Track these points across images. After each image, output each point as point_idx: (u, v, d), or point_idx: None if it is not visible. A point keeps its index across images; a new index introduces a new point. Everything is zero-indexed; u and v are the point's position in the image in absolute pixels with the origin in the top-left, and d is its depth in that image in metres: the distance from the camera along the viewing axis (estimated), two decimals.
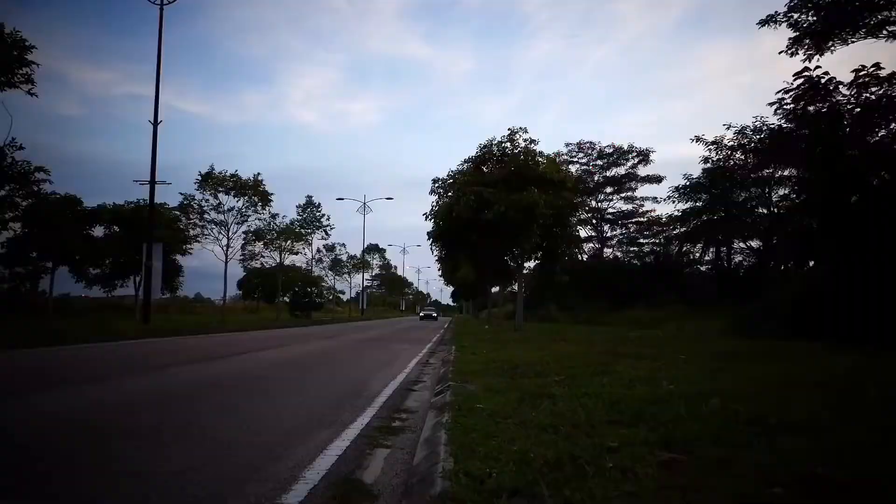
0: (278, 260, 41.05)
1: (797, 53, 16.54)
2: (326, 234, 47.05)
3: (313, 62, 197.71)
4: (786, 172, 25.80)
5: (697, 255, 35.99)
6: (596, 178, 45.38)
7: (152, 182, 23.38)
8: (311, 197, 45.55)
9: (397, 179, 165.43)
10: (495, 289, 41.87)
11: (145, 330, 18.83)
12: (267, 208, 34.02)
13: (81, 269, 29.87)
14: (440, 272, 53.46)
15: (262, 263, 42.45)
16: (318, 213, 45.90)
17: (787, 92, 15.23)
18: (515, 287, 29.04)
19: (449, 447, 3.53)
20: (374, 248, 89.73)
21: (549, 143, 56.42)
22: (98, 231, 31.79)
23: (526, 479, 2.79)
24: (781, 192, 28.06)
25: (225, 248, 32.19)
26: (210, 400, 6.05)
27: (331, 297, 69.10)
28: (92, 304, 34.60)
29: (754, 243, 31.73)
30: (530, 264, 30.08)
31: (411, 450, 4.06)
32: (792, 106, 15.31)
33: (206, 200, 31.76)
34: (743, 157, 27.88)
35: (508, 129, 22.63)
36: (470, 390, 5.88)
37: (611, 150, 44.40)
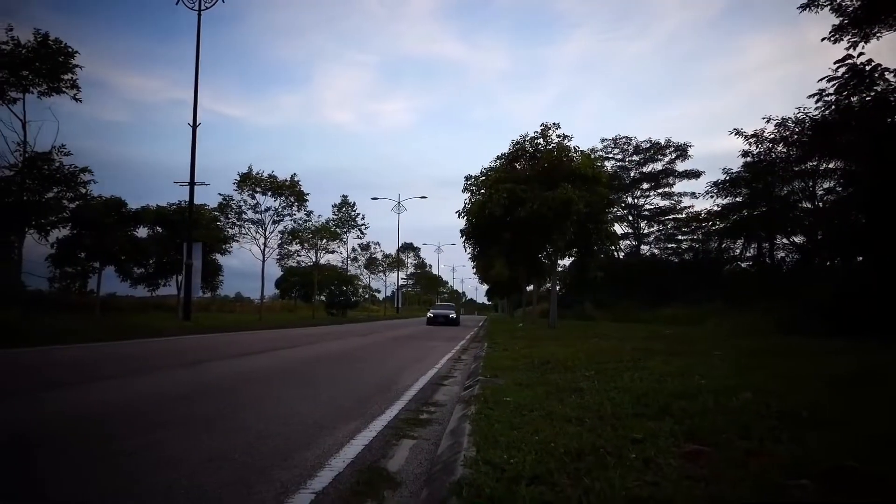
0: (314, 259, 41.70)
1: (841, 41, 15.95)
2: (361, 233, 47.70)
3: (347, 64, 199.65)
4: (831, 165, 24.97)
5: (738, 251, 35.12)
6: (632, 174, 44.71)
7: (192, 183, 24.03)
8: (346, 196, 46.23)
9: (432, 178, 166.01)
10: (530, 287, 41.59)
11: (186, 327, 19.36)
12: (303, 208, 34.60)
13: (126, 268, 30.86)
14: (474, 270, 53.49)
15: (298, 262, 43.15)
16: (353, 213, 46.55)
17: (830, 81, 14.73)
18: (550, 285, 28.83)
19: (472, 437, 3.55)
20: (408, 247, 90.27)
21: (585, 139, 55.89)
22: (142, 232, 32.78)
23: (546, 468, 2.80)
24: (826, 185, 27.16)
25: (262, 248, 32.88)
26: (244, 393, 6.19)
27: (366, 296, 69.76)
28: (136, 303, 35.65)
29: (798, 239, 30.78)
30: (565, 262, 29.86)
31: (437, 440, 4.10)
32: (834, 96, 14.79)
33: (244, 201, 32.51)
34: (785, 149, 27.07)
35: (542, 125, 22.51)
36: (498, 384, 5.88)
37: (647, 146, 43.67)
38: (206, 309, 38.10)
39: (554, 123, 22.41)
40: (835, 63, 14.37)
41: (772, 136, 27.02)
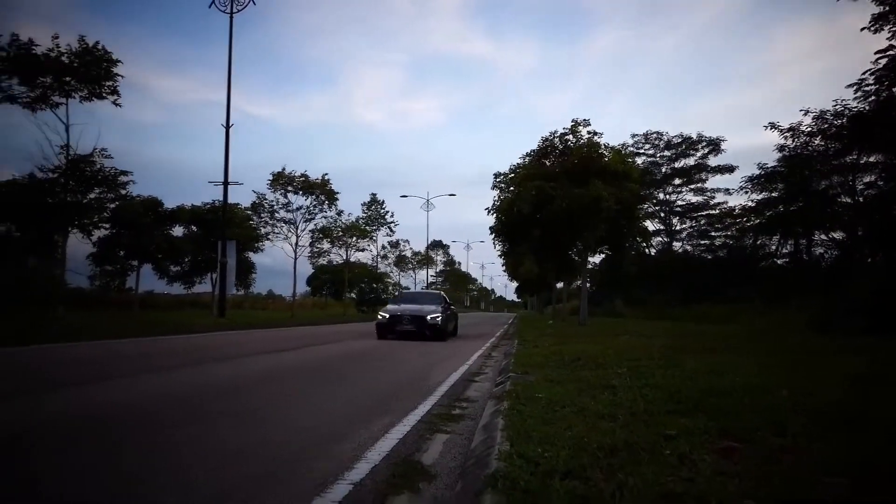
0: (345, 257, 42.17)
1: (882, 30, 15.47)
2: (391, 230, 48.00)
3: (376, 63, 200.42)
4: (871, 158, 24.28)
5: (773, 247, 34.37)
6: (663, 170, 44.06)
7: (225, 183, 24.54)
8: (376, 194, 46.56)
9: (460, 176, 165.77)
10: (560, 284, 41.31)
11: (221, 323, 19.79)
12: (333, 206, 35.03)
13: (163, 266, 31.68)
14: (504, 268, 53.32)
15: (329, 260, 43.69)
16: (382, 211, 46.86)
17: (872, 74, 14.33)
18: (580, 282, 28.66)
19: (505, 432, 3.61)
20: (437, 245, 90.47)
21: (615, 135, 54.84)
22: (177, 231, 33.58)
23: (580, 463, 2.84)
24: (867, 179, 26.39)
25: (294, 246, 33.40)
26: (279, 388, 6.35)
27: (396, 293, 70.11)
28: (172, 300, 36.62)
29: (837, 235, 29.98)
30: (595, 259, 29.65)
31: (470, 435, 4.16)
32: (875, 87, 14.38)
33: (277, 200, 33.10)
34: (823, 143, 26.39)
35: (572, 122, 22.38)
36: (530, 381, 5.92)
37: (679, 141, 42.99)
38: (239, 306, 38.89)
39: (584, 120, 22.26)
40: (875, 53, 13.97)
41: (809, 129, 26.38)
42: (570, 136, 22.42)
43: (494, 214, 23.15)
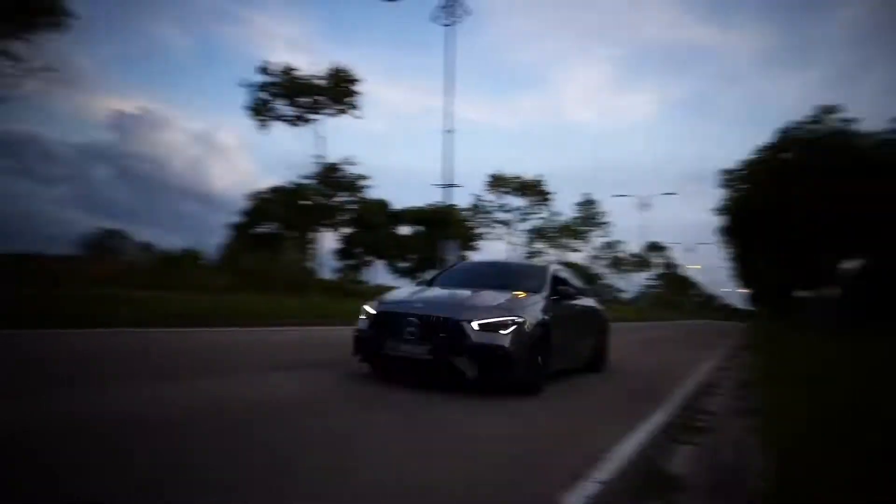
0: (559, 257, 42.32)
1: None
2: (605, 231, 46.99)
3: (586, 60, 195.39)
4: None
5: None
6: None
7: (447, 185, 26.19)
8: (589, 194, 45.91)
9: (678, 173, 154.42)
10: (804, 292, 36.61)
11: None
12: (547, 207, 35.46)
13: (394, 263, 35.06)
14: (734, 272, 48.87)
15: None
16: (595, 211, 46.07)
17: None
18: (829, 290, 25.12)
19: (761, 451, 3.44)
20: (655, 246, 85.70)
21: (871, 120, 46.10)
22: (404, 230, 36.81)
23: (849, 498, 2.62)
24: None
25: (510, 246, 34.52)
26: None
27: (611, 296, 68.22)
28: None
29: None
30: (852, 264, 25.76)
31: (715, 449, 4.01)
32: None
33: (492, 201, 34.53)
34: None
35: (820, 107, 19.79)
36: (779, 397, 5.48)
37: None
38: None
39: (831, 105, 19.53)
40: None
41: None
42: (815, 125, 19.86)
43: (724, 214, 21.46)
